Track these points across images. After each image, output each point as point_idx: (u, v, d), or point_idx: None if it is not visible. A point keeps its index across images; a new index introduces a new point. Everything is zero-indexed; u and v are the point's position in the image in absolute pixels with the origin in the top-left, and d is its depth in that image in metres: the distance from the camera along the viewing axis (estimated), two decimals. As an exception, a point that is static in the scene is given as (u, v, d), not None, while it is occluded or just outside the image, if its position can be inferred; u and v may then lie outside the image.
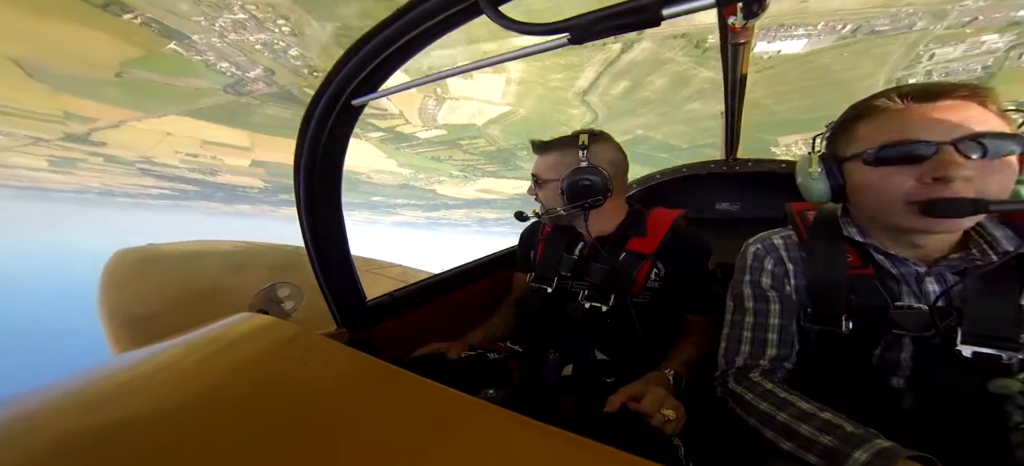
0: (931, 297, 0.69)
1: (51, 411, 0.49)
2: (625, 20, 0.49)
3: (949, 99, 0.61)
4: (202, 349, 0.65)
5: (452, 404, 0.51)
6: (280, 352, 0.65)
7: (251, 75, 12.34)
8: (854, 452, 0.55)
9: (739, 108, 1.50)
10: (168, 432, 0.46)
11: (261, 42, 10.66)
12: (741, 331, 0.83)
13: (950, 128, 0.60)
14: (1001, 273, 0.65)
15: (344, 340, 1.03)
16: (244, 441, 0.45)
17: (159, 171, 29.58)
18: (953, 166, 0.59)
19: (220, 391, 0.54)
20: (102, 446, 0.43)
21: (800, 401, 0.67)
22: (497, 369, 1.13)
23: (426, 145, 17.95)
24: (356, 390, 0.56)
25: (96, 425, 0.46)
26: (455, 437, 0.45)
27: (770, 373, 0.76)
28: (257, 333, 0.70)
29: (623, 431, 0.75)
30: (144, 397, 0.52)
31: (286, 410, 0.50)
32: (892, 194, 0.65)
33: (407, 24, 0.67)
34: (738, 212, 1.83)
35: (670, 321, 1.12)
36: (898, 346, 0.70)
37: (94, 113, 16.73)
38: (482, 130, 15.85)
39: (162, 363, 0.62)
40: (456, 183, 26.51)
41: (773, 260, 0.84)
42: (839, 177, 0.73)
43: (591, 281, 1.14)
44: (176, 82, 13.24)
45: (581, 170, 1.10)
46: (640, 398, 0.78)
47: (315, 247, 0.97)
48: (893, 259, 0.72)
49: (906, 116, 0.64)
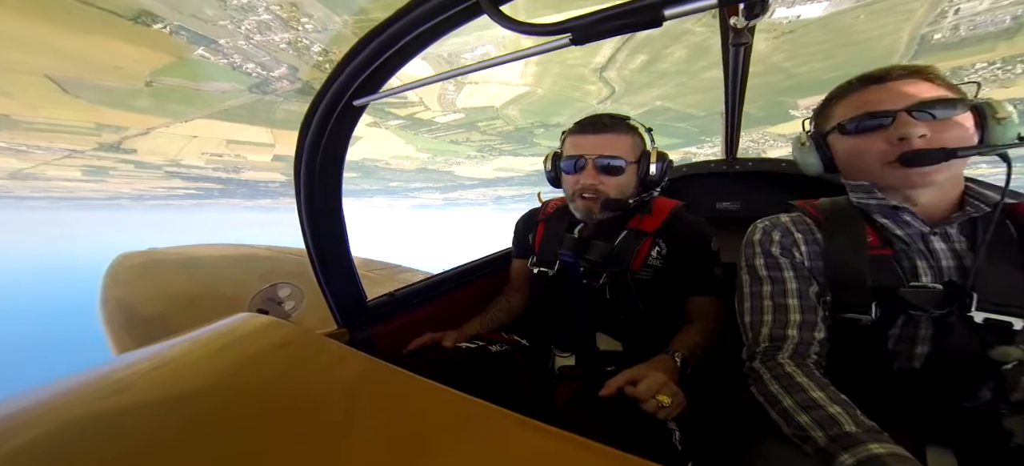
0: (939, 256, 0.73)
1: (50, 411, 0.49)
2: (626, 21, 0.49)
3: (900, 79, 0.73)
4: (201, 349, 0.65)
5: (452, 404, 0.51)
6: (280, 352, 0.64)
7: (275, 74, 12.65)
8: (841, 454, 0.56)
9: (739, 108, 1.52)
10: (167, 431, 0.45)
11: (286, 41, 10.90)
12: (761, 301, 0.83)
13: (902, 98, 0.71)
14: (1011, 239, 0.71)
15: (344, 340, 1.02)
16: (243, 441, 0.45)
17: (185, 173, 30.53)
18: (909, 127, 0.69)
19: (219, 391, 0.54)
20: (101, 445, 0.43)
21: (814, 389, 0.67)
22: (502, 363, 1.12)
23: (444, 129, 18.15)
24: (356, 390, 0.56)
25: (95, 424, 0.46)
26: (455, 437, 0.45)
27: (800, 355, 0.75)
28: (256, 333, 0.70)
29: (616, 416, 0.76)
30: (143, 396, 0.52)
31: (286, 410, 0.50)
32: (871, 155, 0.74)
33: (408, 25, 0.67)
34: (738, 211, 1.84)
35: (675, 304, 1.10)
36: (915, 325, 0.72)
37: (125, 122, 17.37)
38: (500, 111, 15.94)
39: (161, 363, 0.61)
40: (473, 163, 26.68)
41: (780, 232, 0.87)
42: (826, 150, 0.84)
43: (591, 258, 1.13)
44: (203, 87, 13.66)
45: (661, 156, 1.11)
46: (637, 382, 0.78)
47: (316, 247, 0.97)
48: (898, 219, 0.76)
49: (869, 95, 0.75)
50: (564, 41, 0.53)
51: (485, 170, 28.64)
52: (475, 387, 0.58)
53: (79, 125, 17.53)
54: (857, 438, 0.57)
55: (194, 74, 12.54)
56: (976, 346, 0.67)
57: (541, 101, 14.73)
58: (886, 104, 0.72)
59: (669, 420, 0.78)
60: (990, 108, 0.70)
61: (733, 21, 0.55)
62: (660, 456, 0.42)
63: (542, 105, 15.03)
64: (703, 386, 0.95)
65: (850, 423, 0.60)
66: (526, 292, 1.34)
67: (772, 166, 1.78)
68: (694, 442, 0.81)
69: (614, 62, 11.62)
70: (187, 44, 11.03)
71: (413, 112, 16.19)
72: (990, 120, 0.70)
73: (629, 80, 12.56)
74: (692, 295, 1.08)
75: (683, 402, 0.79)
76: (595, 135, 1.09)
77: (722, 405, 0.96)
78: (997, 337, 0.66)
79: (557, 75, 12.86)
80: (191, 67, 12.12)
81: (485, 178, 31.37)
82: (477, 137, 19.35)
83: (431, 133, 18.77)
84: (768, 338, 0.78)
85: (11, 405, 0.50)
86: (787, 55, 10.16)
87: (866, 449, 0.55)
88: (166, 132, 18.58)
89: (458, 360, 1.03)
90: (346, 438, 0.45)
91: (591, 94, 13.55)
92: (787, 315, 0.79)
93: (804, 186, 1.51)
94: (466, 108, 15.78)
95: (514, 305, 1.31)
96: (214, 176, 32.15)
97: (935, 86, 0.72)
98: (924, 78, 0.72)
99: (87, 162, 25.09)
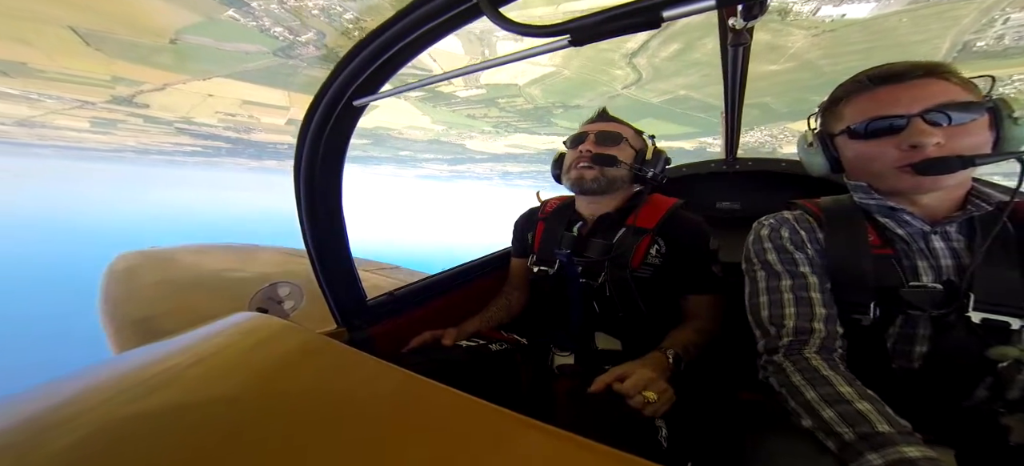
0: (939, 255, 0.72)
1: (49, 410, 0.49)
2: (626, 22, 0.50)
3: (913, 78, 0.69)
4: (200, 348, 0.65)
5: (452, 403, 0.52)
6: (279, 351, 0.65)
7: (302, 39, 12.54)
8: (869, 453, 0.55)
9: (739, 108, 1.51)
10: (165, 431, 0.46)
11: (319, 7, 10.79)
12: (781, 295, 0.79)
13: (916, 101, 0.67)
14: (1009, 239, 0.69)
15: (344, 339, 1.02)
16: (242, 440, 0.45)
17: (195, 130, 30.29)
18: (923, 134, 0.65)
19: (217, 390, 0.54)
20: (99, 445, 0.43)
21: (841, 383, 0.65)
22: (502, 362, 1.13)
23: (464, 103, 18.08)
24: (355, 389, 0.56)
25: (93, 424, 0.46)
26: (455, 437, 0.46)
27: (826, 350, 0.73)
28: (255, 332, 0.70)
29: (604, 412, 0.76)
30: (141, 395, 0.52)
31: (284, 409, 0.51)
32: (883, 160, 0.71)
33: (408, 26, 0.68)
34: (739, 211, 1.83)
35: (674, 303, 1.11)
36: (913, 325, 0.71)
37: (143, 77, 17.19)
38: (522, 89, 15.88)
39: (160, 362, 0.61)
40: (487, 138, 26.58)
41: (788, 229, 0.85)
42: (833, 151, 0.80)
43: (590, 256, 1.14)
44: (226, 47, 13.53)
45: (659, 151, 1.18)
46: (625, 379, 0.78)
47: (315, 246, 0.98)
48: (899, 219, 0.75)
49: (882, 96, 0.70)
50: (563, 42, 0.53)
51: (497, 145, 28.54)
52: (474, 385, 0.59)
53: (95, 77, 17.34)
54: (889, 438, 0.55)
55: (220, 34, 12.41)
56: (974, 346, 0.66)
57: (565, 82, 14.68)
58: (899, 107, 0.68)
59: (656, 417, 0.78)
60: (1006, 107, 0.67)
61: (731, 22, 0.55)
62: (644, 452, 0.46)
63: (566, 86, 14.98)
64: (698, 384, 0.96)
65: (882, 422, 0.57)
66: (525, 291, 1.37)
67: (772, 166, 1.78)
68: (683, 439, 0.82)
69: (646, 49, 11.56)
70: (218, 4, 10.90)
71: (434, 85, 16.11)
72: (1006, 120, 0.67)
73: (658, 67, 12.52)
74: (689, 293, 1.10)
75: (671, 399, 0.79)
76: (600, 122, 1.21)
77: (719, 403, 0.97)
78: (995, 337, 0.65)
79: (586, 57, 12.79)
80: (218, 27, 11.98)
81: (496, 153, 31.26)
82: (495, 113, 19.28)
83: (450, 106, 18.70)
84: (793, 332, 0.75)
85: (11, 405, 0.51)
86: (824, 53, 10.16)
87: (897, 451, 0.53)
88: (183, 89, 18.42)
89: (458, 358, 1.05)
90: (345, 437, 0.46)
91: (618, 79, 13.51)
92: (811, 308, 0.76)
93: (804, 185, 1.54)
94: (488, 84, 15.70)
95: (513, 304, 1.34)
96: (224, 135, 31.91)
97: (951, 86, 0.68)
98: (940, 77, 0.68)
99: (97, 114, 24.86)
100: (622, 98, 14.96)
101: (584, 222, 1.22)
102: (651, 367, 0.84)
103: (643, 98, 15.04)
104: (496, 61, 0.62)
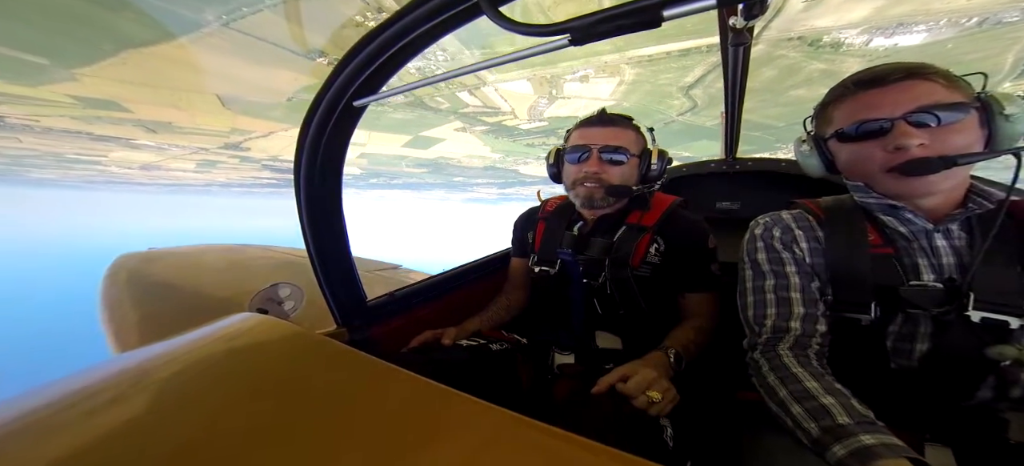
0: (941, 253, 0.71)
1: (48, 410, 0.50)
2: (626, 21, 0.50)
3: (896, 80, 0.69)
4: (200, 349, 0.65)
5: (452, 403, 0.51)
6: (279, 351, 0.64)
7: (397, 92, 14.57)
8: (833, 446, 0.56)
9: (739, 109, 1.50)
10: (166, 431, 0.46)
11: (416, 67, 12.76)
12: (764, 295, 0.81)
13: (899, 104, 0.68)
14: (1008, 237, 0.68)
15: (344, 340, 1.02)
16: (242, 440, 0.45)
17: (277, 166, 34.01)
18: (906, 136, 0.67)
19: (218, 390, 0.54)
20: (99, 445, 0.43)
21: (808, 379, 0.66)
22: (502, 362, 1.11)
23: (526, 135, 19.77)
24: (356, 390, 0.56)
25: (93, 424, 0.46)
26: (455, 437, 0.46)
27: (800, 346, 0.74)
28: (256, 332, 0.70)
29: (608, 413, 0.76)
30: (141, 395, 0.52)
31: (285, 409, 0.50)
32: (871, 162, 0.73)
33: (408, 25, 0.68)
34: (739, 211, 1.85)
35: (674, 302, 1.10)
36: (913, 324, 0.71)
37: (254, 127, 20.23)
38: (582, 120, 17.25)
39: (160, 362, 0.61)
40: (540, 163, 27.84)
41: (781, 229, 0.85)
42: (827, 153, 0.82)
43: (590, 254, 1.13)
44: (331, 100, 15.81)
45: (661, 153, 1.14)
46: (628, 379, 0.78)
47: (316, 247, 0.98)
48: (901, 217, 0.75)
49: (866, 99, 0.72)
50: (563, 42, 0.54)
51: (548, 168, 29.77)
52: (475, 385, 0.61)
53: (218, 129, 20.56)
54: (848, 430, 0.56)
55: (330, 92, 14.64)
56: (974, 345, 0.66)
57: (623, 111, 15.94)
58: (883, 111, 0.70)
59: (661, 416, 0.78)
60: (997, 103, 0.67)
61: (732, 21, 0.58)
62: (651, 452, 0.44)
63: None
64: (698, 383, 0.96)
65: (842, 414, 0.59)
66: (525, 290, 1.38)
67: (772, 166, 1.80)
68: (687, 438, 0.82)
69: (703, 81, 12.69)
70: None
71: (501, 120, 17.90)
72: (997, 116, 0.67)
73: (713, 95, 13.57)
74: (688, 292, 1.10)
75: (675, 398, 0.80)
76: (601, 128, 1.16)
77: (718, 402, 0.97)
78: (994, 336, 0.65)
79: (645, 92, 14.08)
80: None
81: (546, 176, 32.44)
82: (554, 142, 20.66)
83: (512, 138, 20.44)
84: (771, 330, 0.78)
85: (10, 405, 0.51)
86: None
87: (857, 441, 0.54)
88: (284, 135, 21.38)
89: (458, 358, 1.05)
90: (345, 437, 0.46)
91: (673, 108, 14.65)
92: (790, 308, 0.78)
93: (804, 185, 1.54)
94: (551, 117, 17.26)
95: (514, 303, 1.35)
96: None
97: (935, 86, 0.68)
98: (923, 78, 0.69)
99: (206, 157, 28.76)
100: (677, 124, 16.04)
101: (585, 222, 1.24)
102: (653, 367, 0.85)
103: (698, 122, 16.01)
104: (497, 61, 0.62)
